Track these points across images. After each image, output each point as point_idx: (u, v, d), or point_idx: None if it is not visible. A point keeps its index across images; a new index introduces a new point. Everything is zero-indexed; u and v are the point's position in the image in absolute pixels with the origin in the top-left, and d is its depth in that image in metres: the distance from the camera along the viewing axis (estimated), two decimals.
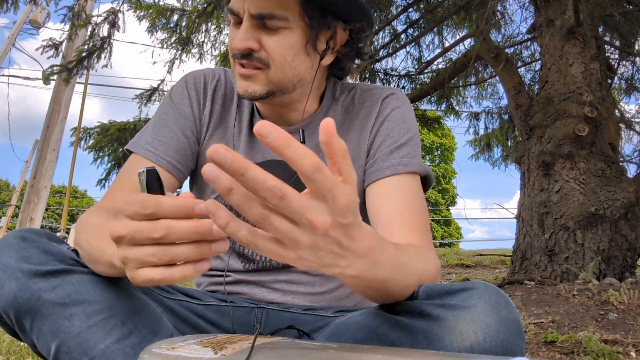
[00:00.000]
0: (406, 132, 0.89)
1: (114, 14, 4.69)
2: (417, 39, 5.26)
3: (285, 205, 0.40)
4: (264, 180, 0.39)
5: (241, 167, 0.38)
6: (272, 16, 0.78)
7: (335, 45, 0.86)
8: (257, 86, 0.82)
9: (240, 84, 0.83)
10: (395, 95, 0.94)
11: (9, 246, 0.65)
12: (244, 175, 0.39)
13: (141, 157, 0.84)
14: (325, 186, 0.41)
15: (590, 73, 3.49)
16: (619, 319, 2.08)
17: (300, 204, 0.41)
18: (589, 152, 3.25)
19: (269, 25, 0.79)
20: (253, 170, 0.39)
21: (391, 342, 0.62)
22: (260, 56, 0.80)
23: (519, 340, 0.58)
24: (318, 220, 0.42)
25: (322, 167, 0.40)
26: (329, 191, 0.41)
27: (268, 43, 0.80)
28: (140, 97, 4.93)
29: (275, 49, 0.80)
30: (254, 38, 0.79)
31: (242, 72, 0.82)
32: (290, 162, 0.39)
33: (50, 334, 0.63)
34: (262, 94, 0.82)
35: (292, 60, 0.81)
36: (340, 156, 0.42)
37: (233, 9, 0.80)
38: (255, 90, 0.82)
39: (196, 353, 0.52)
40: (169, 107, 0.91)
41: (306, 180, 0.40)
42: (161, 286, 0.82)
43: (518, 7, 6.23)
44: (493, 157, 6.26)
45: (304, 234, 0.43)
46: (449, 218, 23.99)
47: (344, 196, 0.42)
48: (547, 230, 3.16)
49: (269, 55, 0.80)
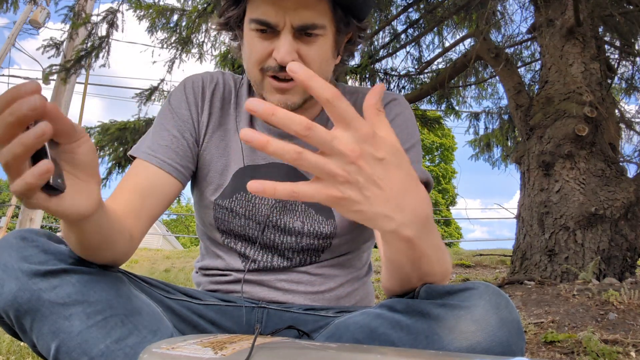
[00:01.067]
0: (409, 139, 0.90)
1: (112, 13, 4.69)
2: (417, 39, 5.26)
3: (314, 135, 0.44)
4: (292, 116, 0.43)
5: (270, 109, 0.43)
6: (314, 26, 0.78)
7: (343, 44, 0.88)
8: (296, 97, 0.83)
9: (277, 98, 0.82)
10: (398, 101, 0.94)
11: (9, 246, 0.65)
12: (275, 114, 0.43)
13: (142, 161, 0.85)
14: (347, 114, 0.45)
15: (590, 73, 3.49)
16: (619, 319, 2.08)
17: (329, 134, 0.44)
18: (589, 152, 3.25)
19: (308, 35, 0.79)
20: (280, 110, 0.43)
21: (391, 342, 0.62)
22: None
23: (519, 340, 0.58)
24: (346, 147, 0.45)
25: (343, 96, 0.44)
26: (351, 119, 0.45)
27: (307, 53, 0.79)
28: (139, 96, 4.93)
29: (315, 59, 0.80)
30: (295, 50, 0.78)
31: (281, 86, 0.81)
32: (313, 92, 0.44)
33: (50, 334, 0.63)
34: (300, 103, 0.83)
35: (325, 66, 0.83)
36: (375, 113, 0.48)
37: (269, 22, 0.77)
38: (295, 102, 0.83)
39: (196, 353, 0.52)
40: (168, 112, 0.91)
41: (330, 110, 0.45)
42: (161, 286, 0.82)
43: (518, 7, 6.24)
44: (493, 157, 6.27)
45: (338, 164, 0.45)
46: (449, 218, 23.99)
47: (367, 127, 0.46)
48: (547, 230, 3.16)
49: (308, 65, 0.79)
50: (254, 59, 0.81)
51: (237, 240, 0.91)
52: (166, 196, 0.84)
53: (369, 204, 0.47)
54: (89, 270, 0.67)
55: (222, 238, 0.92)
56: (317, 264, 0.90)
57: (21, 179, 0.45)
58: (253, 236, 0.89)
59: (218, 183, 0.91)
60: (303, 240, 0.88)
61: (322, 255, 0.90)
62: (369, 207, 0.47)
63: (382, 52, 5.22)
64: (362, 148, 0.45)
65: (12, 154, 0.44)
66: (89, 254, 0.67)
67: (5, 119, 0.43)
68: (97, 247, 0.65)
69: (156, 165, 0.84)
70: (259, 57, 0.80)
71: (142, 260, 7.15)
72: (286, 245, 0.89)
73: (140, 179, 0.83)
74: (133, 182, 0.82)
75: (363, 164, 0.45)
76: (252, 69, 0.83)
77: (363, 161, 0.45)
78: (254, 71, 0.82)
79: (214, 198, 0.91)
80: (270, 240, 0.89)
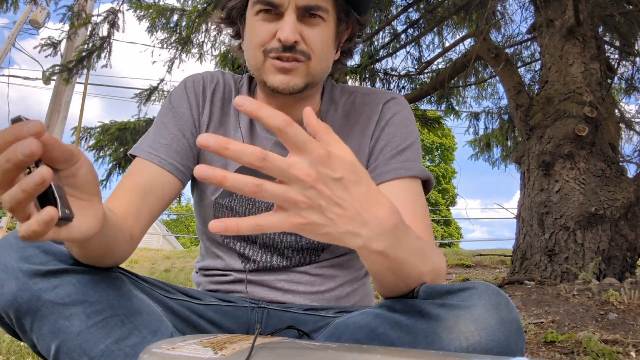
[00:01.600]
0: (408, 137, 0.90)
1: (113, 13, 4.70)
2: (417, 39, 5.26)
3: (269, 165, 0.44)
4: (245, 149, 0.44)
5: (223, 143, 0.43)
6: (318, 7, 0.80)
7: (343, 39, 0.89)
8: (298, 79, 0.83)
9: (279, 79, 0.82)
10: (396, 100, 0.94)
11: (9, 246, 0.65)
12: (227, 148, 0.43)
13: (143, 160, 0.85)
14: (299, 139, 0.45)
15: (590, 73, 3.49)
16: (619, 319, 2.08)
17: (283, 160, 0.45)
18: (589, 152, 3.25)
19: (311, 17, 0.81)
20: (233, 143, 0.43)
21: (391, 342, 0.62)
22: (303, 49, 0.81)
23: (519, 340, 0.58)
24: (303, 172, 0.45)
25: (293, 122, 0.44)
26: (303, 144, 0.45)
27: (310, 36, 0.81)
28: (139, 96, 4.93)
29: (317, 42, 0.82)
30: (298, 31, 0.80)
31: (284, 65, 0.82)
32: (264, 122, 0.44)
33: (50, 334, 0.63)
34: (302, 86, 0.83)
35: (326, 53, 0.84)
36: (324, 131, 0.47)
37: (273, 1, 0.79)
38: (297, 84, 0.83)
39: (196, 353, 0.52)
40: (168, 111, 0.91)
41: (282, 137, 0.45)
42: (161, 286, 0.82)
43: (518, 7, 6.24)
44: (493, 157, 6.26)
45: (297, 191, 0.46)
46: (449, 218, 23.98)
47: (320, 148, 0.46)
48: (547, 230, 3.16)
49: (311, 48, 0.82)
50: (256, 41, 0.82)
51: (236, 240, 0.91)
52: (167, 195, 0.84)
53: (334, 224, 0.48)
54: (89, 270, 0.67)
55: (221, 237, 0.92)
56: (317, 264, 0.90)
57: (27, 226, 0.45)
58: (253, 235, 0.89)
59: None
60: (303, 239, 0.88)
61: (322, 255, 0.90)
62: (335, 228, 0.48)
63: (382, 52, 5.22)
64: (318, 171, 0.46)
65: (15, 200, 0.44)
66: (91, 262, 0.67)
67: (2, 165, 0.43)
68: (100, 255, 0.66)
69: (157, 164, 0.84)
70: (261, 39, 0.82)
71: (142, 260, 7.15)
72: (286, 244, 0.89)
73: (141, 178, 0.83)
74: (134, 182, 0.82)
75: (322, 187, 0.46)
76: (254, 52, 0.83)
77: (321, 184, 0.46)
78: (257, 54, 0.83)
79: (215, 197, 0.91)
80: (269, 239, 0.89)
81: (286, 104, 0.89)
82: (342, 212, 0.47)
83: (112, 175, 4.79)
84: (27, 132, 0.43)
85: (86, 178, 0.51)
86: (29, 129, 0.43)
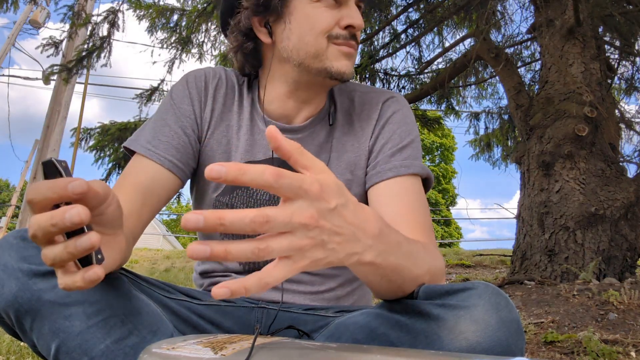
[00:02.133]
0: (408, 135, 0.90)
1: (113, 13, 4.69)
2: (417, 39, 5.26)
3: (273, 225, 0.42)
4: (243, 218, 0.41)
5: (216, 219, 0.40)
6: None
7: None
8: (353, 66, 0.87)
9: (346, 64, 0.85)
10: (395, 99, 0.94)
11: (9, 246, 0.65)
12: (223, 224, 0.40)
13: (142, 156, 0.84)
14: (294, 186, 0.43)
15: (590, 73, 3.49)
16: (619, 319, 2.08)
17: (285, 214, 0.43)
18: (589, 152, 3.25)
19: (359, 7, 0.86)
20: (227, 215, 0.40)
21: (391, 342, 0.62)
22: (359, 37, 0.86)
23: (519, 340, 0.58)
24: (306, 217, 0.43)
25: (282, 172, 0.42)
26: (298, 188, 0.43)
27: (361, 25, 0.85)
28: (140, 97, 4.93)
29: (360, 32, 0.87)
30: None
31: (351, 51, 0.85)
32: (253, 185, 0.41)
33: (50, 334, 0.63)
34: None
35: None
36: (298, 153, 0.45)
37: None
38: (352, 71, 0.87)
39: (196, 353, 0.52)
40: (169, 106, 0.90)
41: (275, 191, 0.42)
42: (161, 286, 0.82)
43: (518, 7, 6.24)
44: (493, 157, 6.27)
45: (301, 236, 0.44)
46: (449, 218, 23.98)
47: (314, 184, 0.44)
48: (547, 230, 3.16)
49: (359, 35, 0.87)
50: (321, 27, 0.84)
51: (235, 239, 0.90)
52: (167, 194, 0.84)
53: (335, 253, 0.47)
54: None
55: (221, 236, 0.92)
56: None
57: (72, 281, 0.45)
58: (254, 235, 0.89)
59: None
60: None
61: None
62: (335, 256, 0.47)
63: (382, 52, 5.22)
64: (317, 209, 0.44)
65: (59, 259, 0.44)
66: None
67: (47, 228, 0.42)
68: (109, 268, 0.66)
69: (157, 162, 0.83)
70: (327, 25, 0.84)
71: (142, 260, 7.15)
72: None
73: (141, 176, 0.82)
74: (134, 180, 0.82)
75: (323, 222, 0.45)
76: (316, 37, 0.84)
77: (322, 220, 0.45)
78: (320, 39, 0.84)
79: (215, 195, 0.91)
80: None
81: (309, 97, 0.91)
82: (340, 240, 0.47)
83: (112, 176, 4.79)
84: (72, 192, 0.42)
85: (114, 215, 0.52)
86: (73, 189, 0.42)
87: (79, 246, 0.43)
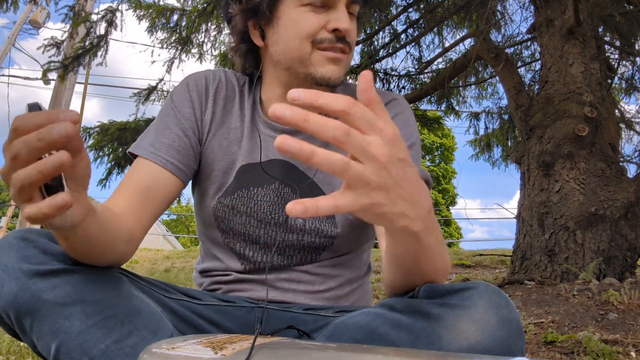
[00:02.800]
0: (409, 138, 0.91)
1: (111, 12, 4.69)
2: (417, 39, 5.26)
3: (352, 141, 0.42)
4: (327, 121, 0.42)
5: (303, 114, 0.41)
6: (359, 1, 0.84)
7: None
8: (342, 70, 0.85)
9: (331, 69, 0.83)
10: (397, 101, 0.95)
11: (9, 246, 0.65)
12: (307, 120, 0.41)
13: (144, 159, 0.85)
14: (368, 119, 0.44)
15: (590, 73, 3.49)
16: (619, 319, 2.08)
17: (363, 138, 0.43)
18: (589, 152, 3.24)
19: (353, 10, 0.84)
20: (313, 115, 0.41)
21: (391, 342, 0.62)
22: (350, 40, 0.84)
23: (519, 340, 0.58)
24: (379, 152, 0.44)
25: (356, 101, 0.43)
26: (373, 123, 0.44)
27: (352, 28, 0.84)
28: (137, 95, 4.92)
29: (354, 35, 0.84)
30: None
31: (337, 56, 0.83)
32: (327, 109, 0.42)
33: (50, 334, 0.63)
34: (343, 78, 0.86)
35: None
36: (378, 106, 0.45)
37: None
38: (341, 75, 0.85)
39: (196, 353, 0.52)
40: (170, 109, 0.91)
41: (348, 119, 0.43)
42: (161, 286, 0.82)
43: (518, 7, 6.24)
44: (493, 157, 6.26)
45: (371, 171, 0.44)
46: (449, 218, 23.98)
47: (389, 127, 0.45)
48: (547, 230, 3.16)
49: (352, 40, 0.84)
50: (305, 31, 0.82)
51: (236, 240, 0.91)
52: (168, 195, 0.84)
53: (393, 204, 0.47)
54: (88, 270, 0.67)
55: (222, 237, 0.92)
56: (317, 263, 0.90)
57: (37, 208, 0.45)
58: (254, 234, 0.89)
59: (221, 181, 0.91)
60: (305, 238, 0.88)
61: (323, 254, 0.90)
62: (392, 208, 0.47)
63: (382, 52, 5.22)
64: (390, 152, 0.45)
65: (28, 180, 0.44)
66: (88, 260, 0.67)
67: (32, 142, 0.43)
68: (96, 253, 0.66)
69: (159, 164, 0.84)
70: (311, 29, 0.82)
71: (142, 260, 7.15)
72: (287, 243, 0.89)
73: (143, 177, 0.83)
74: (135, 181, 0.82)
75: (391, 167, 0.45)
76: (299, 42, 0.83)
77: (391, 164, 0.45)
78: (304, 44, 0.83)
79: (217, 196, 0.91)
80: (271, 238, 0.89)
81: None
82: (401, 192, 0.47)
83: (112, 175, 4.79)
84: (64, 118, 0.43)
85: (84, 171, 0.52)
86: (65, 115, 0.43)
87: (50, 164, 0.43)
